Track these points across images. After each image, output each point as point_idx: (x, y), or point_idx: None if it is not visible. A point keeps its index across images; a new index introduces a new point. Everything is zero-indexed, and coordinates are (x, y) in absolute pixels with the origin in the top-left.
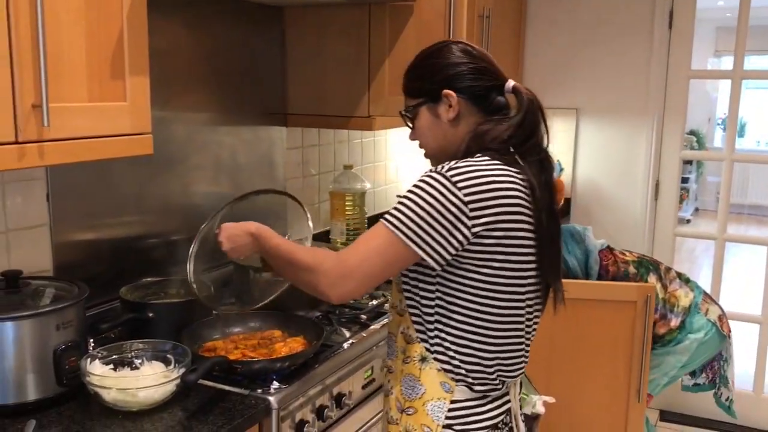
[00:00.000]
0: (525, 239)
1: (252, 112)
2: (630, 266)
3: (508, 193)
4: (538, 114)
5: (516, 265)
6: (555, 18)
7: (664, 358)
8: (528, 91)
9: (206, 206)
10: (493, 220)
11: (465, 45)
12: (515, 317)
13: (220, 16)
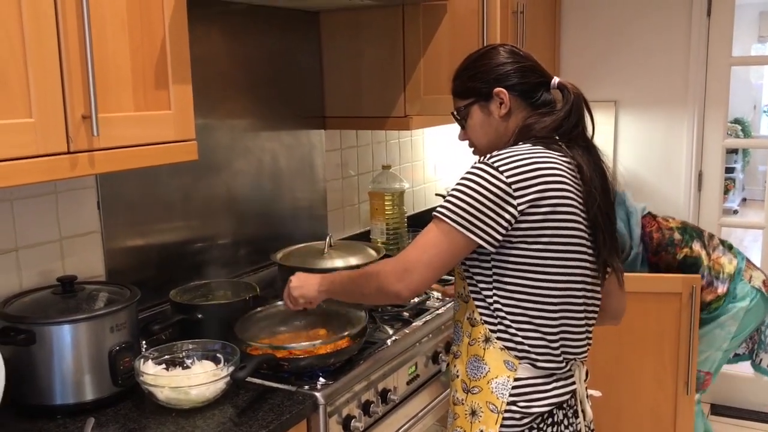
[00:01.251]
0: (574, 215)
1: (291, 117)
2: (675, 233)
3: (550, 172)
4: (583, 107)
5: (566, 239)
6: (590, 11)
7: (714, 332)
8: (573, 86)
9: (249, 210)
10: (537, 197)
11: (511, 47)
12: (571, 292)
13: (257, 24)
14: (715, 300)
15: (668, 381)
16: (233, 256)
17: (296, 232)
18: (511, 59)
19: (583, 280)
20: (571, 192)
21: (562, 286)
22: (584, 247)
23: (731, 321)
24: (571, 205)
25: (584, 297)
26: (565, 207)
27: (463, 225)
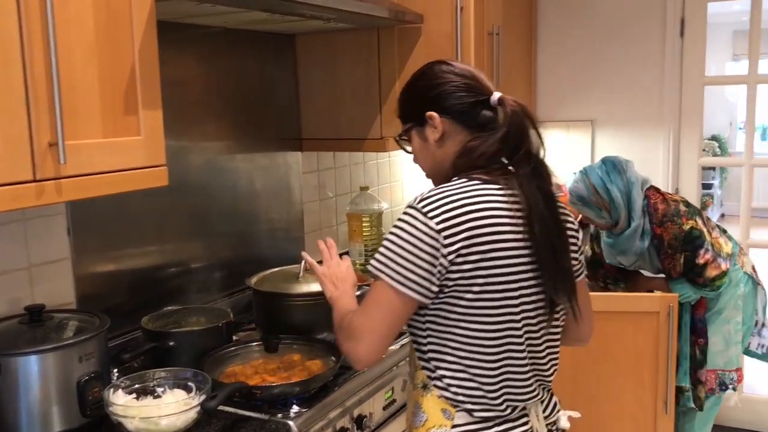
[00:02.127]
0: (511, 257)
1: (267, 139)
2: (680, 204)
3: (482, 214)
4: (525, 124)
5: (501, 286)
6: (566, 31)
7: (724, 329)
8: (514, 103)
9: (225, 233)
10: (466, 244)
11: (446, 63)
12: (512, 339)
13: (232, 47)
14: (719, 276)
15: (648, 400)
16: (208, 281)
17: (273, 255)
18: (445, 78)
19: (528, 323)
20: (507, 232)
21: (500, 335)
22: (528, 288)
23: (735, 312)
24: (506, 248)
25: (528, 339)
26: (499, 252)
27: (398, 280)
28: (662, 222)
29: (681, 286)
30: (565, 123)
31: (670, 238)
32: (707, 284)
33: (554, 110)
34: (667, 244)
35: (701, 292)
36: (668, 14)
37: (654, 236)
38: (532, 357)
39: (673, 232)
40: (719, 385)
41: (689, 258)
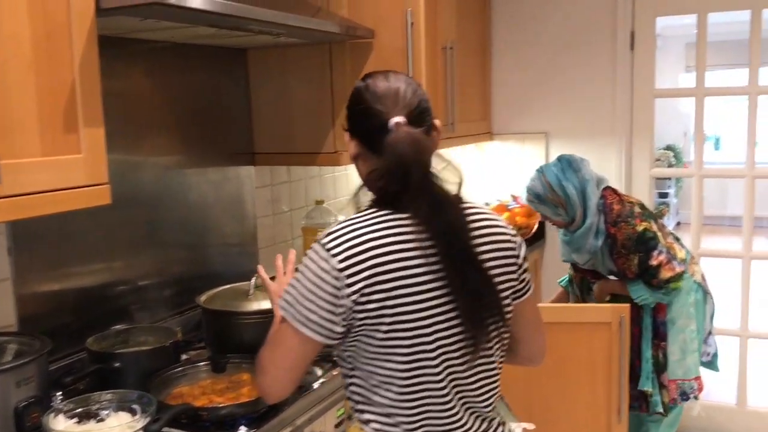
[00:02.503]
0: (421, 293)
1: (219, 153)
2: (635, 206)
3: (388, 249)
4: (407, 154)
5: (411, 324)
6: (519, 46)
7: (679, 337)
8: (402, 131)
9: (174, 250)
10: (369, 283)
11: (365, 83)
12: (425, 376)
13: (182, 61)
14: (673, 278)
15: (601, 410)
16: (158, 299)
17: (226, 271)
18: (354, 99)
19: (448, 358)
20: (415, 266)
21: (413, 374)
22: (445, 322)
23: (688, 320)
24: (415, 283)
25: (448, 373)
26: (406, 288)
27: (300, 321)
28: (616, 222)
29: (637, 287)
30: (519, 135)
31: (623, 239)
32: (662, 286)
33: (509, 123)
34: (620, 245)
35: (656, 295)
36: (618, 28)
37: (608, 236)
38: (459, 390)
39: (626, 233)
40: (680, 395)
41: (643, 259)
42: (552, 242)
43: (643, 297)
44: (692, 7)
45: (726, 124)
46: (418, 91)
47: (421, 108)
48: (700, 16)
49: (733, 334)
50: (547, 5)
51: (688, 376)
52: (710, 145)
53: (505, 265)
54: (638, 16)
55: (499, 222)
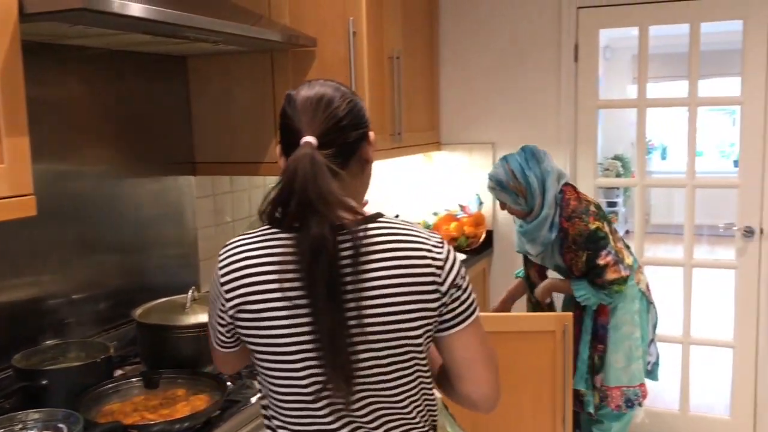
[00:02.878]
0: (288, 318)
1: (158, 163)
2: (591, 206)
3: (260, 269)
4: (298, 175)
5: (278, 354)
6: (467, 57)
7: (624, 345)
8: (301, 152)
9: (110, 262)
10: (242, 301)
11: (291, 94)
12: (302, 401)
13: (120, 68)
14: (617, 280)
15: (546, 418)
16: (92, 313)
17: (165, 284)
18: (281, 110)
19: (323, 391)
20: (287, 290)
21: (292, 399)
22: (315, 356)
23: (633, 327)
24: (284, 307)
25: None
26: (275, 311)
27: (217, 342)
28: (570, 217)
29: (581, 286)
30: (467, 146)
31: (575, 234)
32: (605, 286)
33: (457, 133)
34: (571, 239)
35: (599, 295)
36: (563, 40)
37: (560, 229)
38: (350, 420)
39: (578, 229)
40: (625, 402)
41: (591, 257)
42: (500, 252)
43: (585, 296)
44: (634, 20)
45: (673, 134)
46: (342, 105)
47: (341, 126)
48: (642, 29)
49: (676, 341)
50: (493, 17)
51: (632, 383)
52: (658, 154)
53: (414, 293)
54: (582, 29)
55: (421, 246)
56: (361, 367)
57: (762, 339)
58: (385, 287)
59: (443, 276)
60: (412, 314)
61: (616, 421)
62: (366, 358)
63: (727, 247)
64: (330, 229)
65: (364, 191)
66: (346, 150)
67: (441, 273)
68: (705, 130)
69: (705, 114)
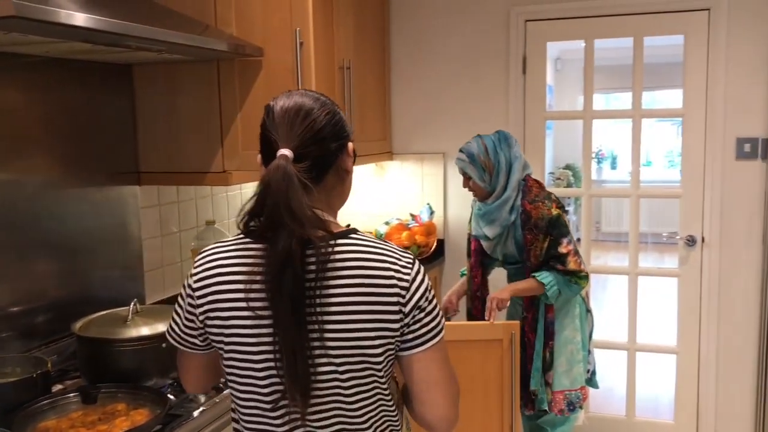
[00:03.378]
0: (254, 327)
1: (101, 172)
2: (553, 195)
3: (230, 278)
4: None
5: (242, 362)
6: (418, 68)
7: (566, 348)
8: (275, 164)
9: (50, 274)
10: (211, 308)
11: (270, 104)
12: (260, 413)
13: (63, 76)
14: (579, 272)
15: (494, 425)
16: (31, 326)
17: (109, 296)
18: (262, 121)
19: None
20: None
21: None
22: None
23: (574, 332)
24: (250, 317)
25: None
26: (242, 320)
27: (178, 342)
28: (533, 200)
29: (544, 273)
30: (419, 155)
31: (537, 218)
32: (568, 274)
33: (409, 143)
34: (533, 222)
35: (563, 281)
36: (511, 53)
37: (523, 211)
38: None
39: (541, 213)
40: (567, 405)
41: (552, 243)
42: (451, 261)
43: (552, 282)
44: (580, 33)
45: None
46: (320, 117)
47: (319, 137)
48: (588, 42)
49: (622, 348)
50: (444, 29)
51: (574, 386)
52: (608, 164)
53: (376, 311)
54: (530, 42)
55: (388, 266)
56: (320, 380)
57: (704, 345)
58: (348, 304)
59: (407, 297)
60: (373, 332)
61: (559, 426)
62: (326, 371)
63: (676, 255)
64: (298, 243)
65: (342, 202)
66: (322, 162)
67: (405, 294)
68: (653, 141)
69: (654, 124)
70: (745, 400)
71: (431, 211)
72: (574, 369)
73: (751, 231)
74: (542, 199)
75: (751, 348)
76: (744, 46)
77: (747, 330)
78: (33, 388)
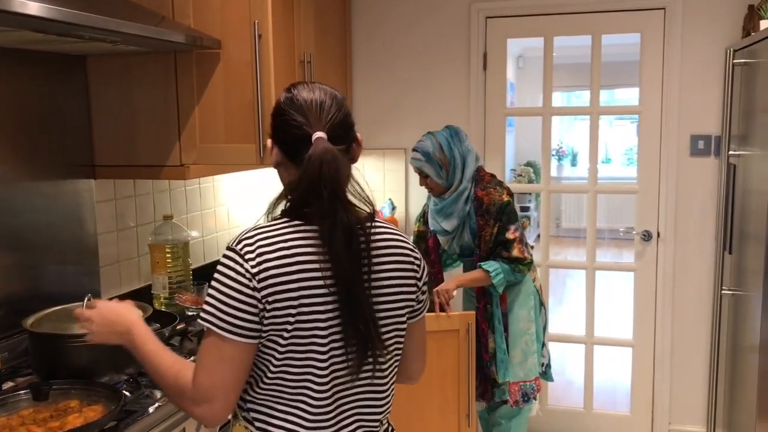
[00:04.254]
0: (317, 305)
1: (53, 166)
2: (504, 184)
3: (294, 260)
4: (319, 171)
5: (308, 332)
6: (379, 61)
7: (521, 340)
8: (320, 147)
9: (1, 268)
10: (277, 290)
11: (290, 94)
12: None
13: (12, 66)
14: (522, 260)
15: (452, 416)
16: None
17: (62, 291)
18: (279, 109)
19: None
20: (316, 278)
21: (299, 384)
22: (339, 341)
23: (528, 323)
24: (315, 294)
25: (338, 387)
26: (307, 299)
27: (228, 330)
28: (485, 187)
29: (490, 261)
30: (381, 150)
31: (488, 203)
32: (511, 261)
33: (371, 138)
34: (485, 207)
35: (507, 270)
36: (472, 49)
37: (476, 198)
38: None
39: (493, 198)
40: (522, 397)
41: (501, 229)
42: None
43: (497, 270)
44: (540, 30)
45: (583, 142)
46: (342, 106)
47: (345, 124)
48: (547, 39)
49: (580, 341)
50: (405, 25)
51: (529, 377)
52: (569, 161)
53: (405, 285)
54: (490, 38)
55: (406, 244)
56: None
57: (659, 338)
58: (386, 279)
59: (420, 273)
60: (401, 303)
61: (514, 418)
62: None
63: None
64: (356, 219)
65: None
66: (349, 147)
67: (419, 270)
68: (613, 138)
69: (614, 122)
70: (697, 392)
71: (393, 207)
72: (529, 360)
73: (704, 226)
74: (494, 186)
75: (703, 341)
76: (698, 45)
77: (700, 323)
78: None
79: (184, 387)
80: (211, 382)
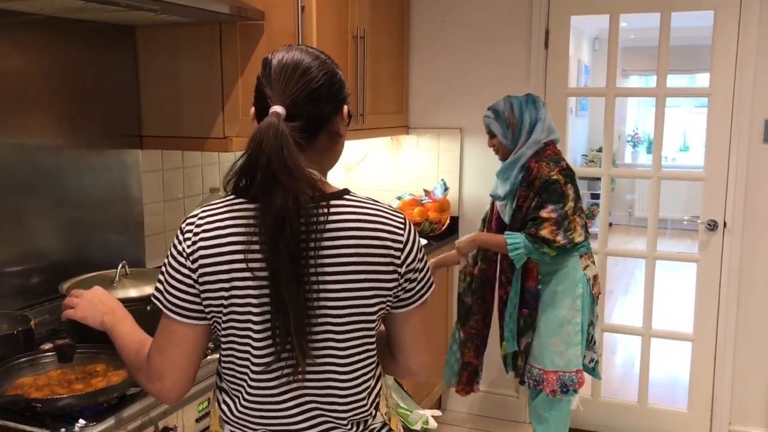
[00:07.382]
0: (253, 291)
1: (101, 135)
2: (564, 162)
3: (228, 240)
4: (262, 146)
5: (244, 317)
6: (437, 40)
7: (564, 330)
8: (266, 122)
9: (47, 235)
10: (210, 271)
11: (268, 58)
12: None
13: (63, 36)
14: (550, 241)
15: None
16: (24, 286)
17: (106, 259)
18: (258, 75)
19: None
20: (251, 261)
21: (239, 365)
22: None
23: (573, 312)
24: (246, 278)
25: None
26: (239, 281)
27: (174, 311)
28: (540, 160)
29: (515, 234)
30: (436, 130)
31: (536, 175)
32: (536, 239)
33: (426, 118)
34: (531, 178)
35: (529, 247)
36: (534, 26)
37: (527, 167)
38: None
39: (541, 172)
40: (560, 387)
41: (538, 204)
42: None
43: (516, 243)
44: (604, 7)
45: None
46: (317, 75)
47: (315, 96)
48: (613, 17)
49: (637, 333)
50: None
51: (569, 368)
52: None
53: (373, 272)
54: (553, 15)
55: (384, 226)
56: (316, 338)
57: (721, 333)
58: (344, 264)
59: (402, 258)
60: (369, 291)
61: (554, 410)
62: (322, 330)
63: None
64: (293, 202)
65: (332, 165)
66: (316, 122)
67: (400, 255)
68: (692, 126)
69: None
70: (761, 392)
71: (446, 188)
72: (570, 351)
73: None
74: (548, 161)
75: None
76: None
77: (766, 319)
78: (14, 345)
79: (142, 363)
80: (162, 360)
